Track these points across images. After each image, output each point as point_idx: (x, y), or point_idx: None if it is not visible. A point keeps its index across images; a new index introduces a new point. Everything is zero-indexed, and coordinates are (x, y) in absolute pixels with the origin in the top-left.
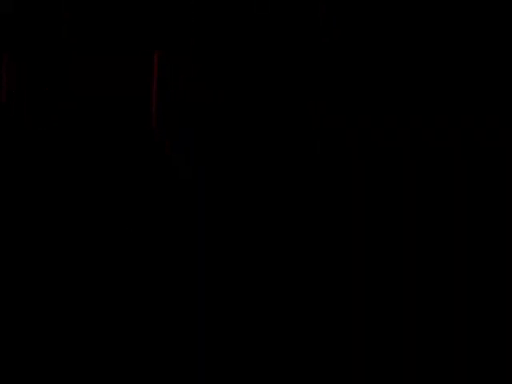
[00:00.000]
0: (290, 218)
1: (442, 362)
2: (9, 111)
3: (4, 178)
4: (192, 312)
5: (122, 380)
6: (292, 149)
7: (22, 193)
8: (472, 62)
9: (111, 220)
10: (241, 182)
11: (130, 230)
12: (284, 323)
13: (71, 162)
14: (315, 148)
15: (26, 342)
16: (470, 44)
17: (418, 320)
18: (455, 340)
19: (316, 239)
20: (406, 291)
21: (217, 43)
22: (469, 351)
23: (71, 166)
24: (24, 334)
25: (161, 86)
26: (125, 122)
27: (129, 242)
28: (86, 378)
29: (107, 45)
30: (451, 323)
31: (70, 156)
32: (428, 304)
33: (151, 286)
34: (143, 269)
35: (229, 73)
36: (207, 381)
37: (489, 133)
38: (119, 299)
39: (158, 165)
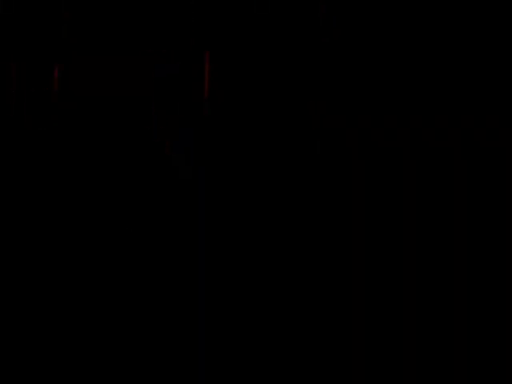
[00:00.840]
0: (290, 217)
1: (441, 361)
2: (9, 111)
3: (4, 177)
4: (192, 311)
5: (123, 380)
6: (292, 149)
7: (22, 193)
8: (472, 62)
9: (111, 220)
10: (241, 181)
11: (131, 230)
12: (284, 322)
13: (71, 161)
14: (315, 148)
15: (27, 342)
16: (469, 44)
17: (418, 318)
18: (455, 337)
19: (316, 238)
20: (405, 290)
21: (217, 43)
22: (468, 350)
23: (71, 166)
24: (25, 334)
25: (161, 86)
26: (125, 122)
27: (129, 242)
28: (86, 377)
29: (107, 45)
30: (451, 322)
31: (70, 156)
32: (428, 302)
33: (151, 284)
34: (143, 268)
35: (228, 73)
36: (207, 381)
37: (489, 133)
38: (120, 298)
39: (158, 165)
